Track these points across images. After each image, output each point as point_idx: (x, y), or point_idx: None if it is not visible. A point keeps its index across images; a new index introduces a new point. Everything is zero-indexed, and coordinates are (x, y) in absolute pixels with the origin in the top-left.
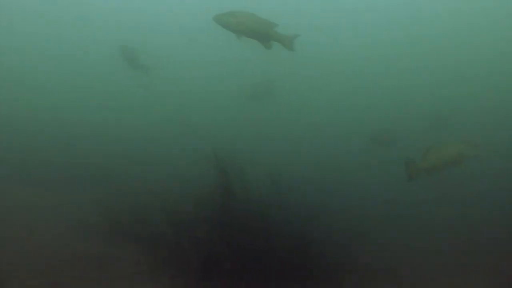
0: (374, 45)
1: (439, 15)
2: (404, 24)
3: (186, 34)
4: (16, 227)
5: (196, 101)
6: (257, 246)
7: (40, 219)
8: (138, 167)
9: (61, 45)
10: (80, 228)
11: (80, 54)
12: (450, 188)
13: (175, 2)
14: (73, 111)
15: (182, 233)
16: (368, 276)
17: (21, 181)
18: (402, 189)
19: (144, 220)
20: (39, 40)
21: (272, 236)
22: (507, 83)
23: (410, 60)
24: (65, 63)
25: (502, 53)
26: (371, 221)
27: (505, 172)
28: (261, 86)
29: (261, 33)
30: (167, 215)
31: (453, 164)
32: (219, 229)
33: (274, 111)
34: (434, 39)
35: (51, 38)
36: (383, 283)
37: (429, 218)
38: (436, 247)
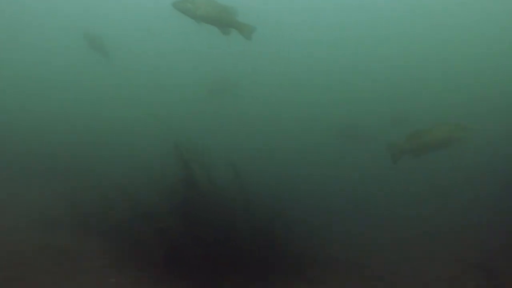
0: (341, 43)
1: (405, 14)
2: (368, 22)
3: (146, 25)
4: None
5: (160, 94)
6: (220, 237)
7: (4, 213)
8: (102, 159)
9: (20, 32)
10: (44, 221)
11: (41, 42)
12: (412, 181)
13: None
14: (36, 102)
15: (147, 225)
16: (331, 267)
17: None
18: (366, 182)
19: (109, 213)
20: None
21: (235, 227)
22: (468, 83)
23: (375, 57)
24: (27, 52)
25: (467, 53)
26: (335, 213)
27: (469, 164)
28: (225, 81)
29: (220, 19)
30: (132, 207)
31: (441, 146)
32: (183, 221)
33: (239, 105)
34: (398, 38)
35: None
36: (346, 274)
37: (394, 210)
38: (400, 238)
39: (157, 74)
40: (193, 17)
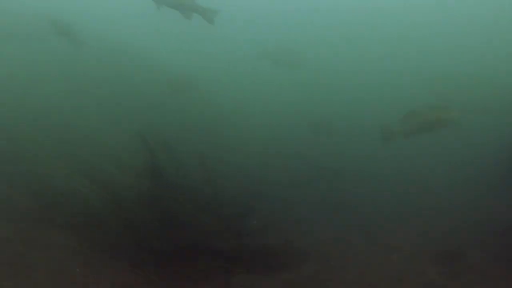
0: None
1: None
2: (342, 20)
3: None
4: None
5: (128, 83)
6: (186, 227)
7: None
8: (67, 147)
9: None
10: (7, 213)
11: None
12: (383, 168)
13: None
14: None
15: (112, 215)
16: (299, 258)
17: None
18: (336, 177)
19: (74, 203)
20: None
21: (201, 217)
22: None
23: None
24: None
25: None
26: (301, 206)
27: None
28: (186, 77)
29: (182, 3)
30: (97, 197)
31: (433, 128)
32: (150, 211)
33: (206, 99)
34: (369, 34)
35: None
36: (313, 265)
37: (364, 197)
38: (368, 225)
39: (126, 65)
40: (155, 1)
